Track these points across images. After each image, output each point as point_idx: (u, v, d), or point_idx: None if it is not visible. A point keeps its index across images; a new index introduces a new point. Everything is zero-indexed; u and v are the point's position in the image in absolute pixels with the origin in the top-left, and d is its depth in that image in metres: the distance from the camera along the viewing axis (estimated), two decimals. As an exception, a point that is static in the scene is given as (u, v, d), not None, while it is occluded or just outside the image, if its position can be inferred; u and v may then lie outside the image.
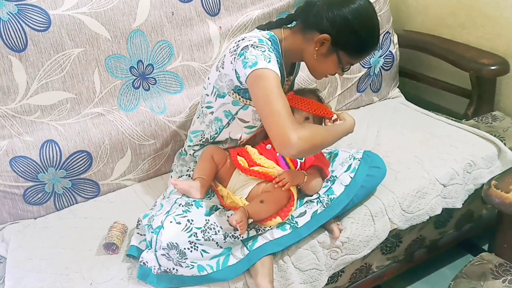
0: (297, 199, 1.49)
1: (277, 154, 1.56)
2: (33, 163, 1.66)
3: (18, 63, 1.62)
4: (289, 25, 1.54)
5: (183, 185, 1.49)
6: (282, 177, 1.45)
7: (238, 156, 1.55)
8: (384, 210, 1.61)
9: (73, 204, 1.77)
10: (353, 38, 1.39)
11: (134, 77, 1.79)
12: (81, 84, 1.72)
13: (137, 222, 1.50)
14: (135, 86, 1.80)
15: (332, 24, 1.38)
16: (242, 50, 1.36)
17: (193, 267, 1.34)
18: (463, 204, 1.76)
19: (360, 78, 2.21)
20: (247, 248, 1.41)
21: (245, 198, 1.50)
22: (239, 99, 1.48)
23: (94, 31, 1.70)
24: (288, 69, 1.57)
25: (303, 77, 2.04)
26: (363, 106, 2.28)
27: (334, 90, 2.16)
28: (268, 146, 1.58)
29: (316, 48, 1.42)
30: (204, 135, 1.63)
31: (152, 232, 1.37)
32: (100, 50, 1.72)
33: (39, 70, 1.65)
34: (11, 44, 1.60)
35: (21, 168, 1.65)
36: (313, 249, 1.50)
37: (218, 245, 1.39)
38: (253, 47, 1.35)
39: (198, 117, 1.65)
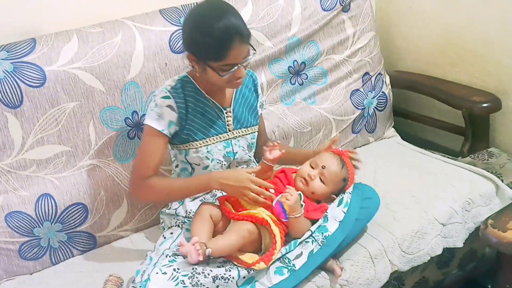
0: (280, 242, 1.45)
1: (275, 200, 1.54)
2: (28, 217, 1.66)
3: (14, 119, 1.64)
4: None
5: (188, 247, 1.40)
6: (290, 193, 1.47)
7: (225, 202, 1.55)
8: (384, 251, 1.58)
9: (69, 258, 1.75)
10: (201, 45, 1.44)
11: (129, 128, 1.81)
12: (77, 136, 1.74)
13: (133, 279, 1.48)
14: (130, 136, 1.81)
15: (185, 42, 1.51)
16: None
17: None
18: (464, 243, 1.73)
19: (354, 119, 2.22)
20: (243, 297, 1.39)
21: None
22: (179, 146, 1.62)
23: (88, 84, 1.73)
24: (224, 98, 1.67)
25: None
26: (359, 147, 2.28)
27: (329, 132, 2.17)
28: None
29: (195, 70, 1.54)
30: None
31: (140, 286, 1.35)
32: (95, 102, 1.75)
33: (35, 125, 1.67)
34: (6, 101, 1.62)
35: (17, 223, 1.65)
36: (312, 295, 1.47)
37: None
38: (153, 101, 1.57)
39: (172, 173, 1.74)
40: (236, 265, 1.43)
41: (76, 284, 1.60)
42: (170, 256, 1.43)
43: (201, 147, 1.61)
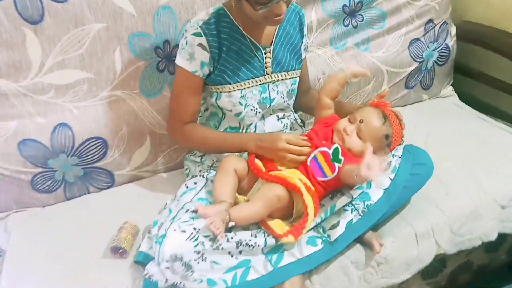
0: (314, 212, 1.28)
1: (310, 157, 1.35)
2: (43, 147, 1.52)
3: (33, 36, 1.46)
4: None
5: (211, 211, 1.22)
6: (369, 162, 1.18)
7: (255, 159, 1.37)
8: (431, 230, 1.40)
9: (85, 194, 1.62)
10: None
11: (159, 59, 1.61)
12: (101, 63, 1.55)
13: (149, 229, 1.34)
14: (160, 69, 1.62)
15: None
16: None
17: (201, 282, 1.17)
18: (521, 228, 1.53)
19: (410, 73, 1.97)
20: (270, 264, 1.23)
21: None
22: (210, 88, 1.44)
23: (118, 5, 1.52)
24: (263, 36, 1.45)
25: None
26: (411, 104, 2.05)
27: (380, 85, 1.94)
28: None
29: (233, 2, 1.35)
30: None
31: (156, 242, 1.21)
32: (123, 26, 1.54)
33: (55, 45, 1.49)
34: (26, 15, 1.43)
35: (30, 153, 1.51)
36: (345, 269, 1.32)
37: (231, 255, 1.22)
38: (184, 38, 1.40)
39: (200, 115, 1.56)
40: (263, 230, 1.28)
41: (89, 222, 1.47)
42: (191, 212, 1.28)
43: (234, 91, 1.42)
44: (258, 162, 1.37)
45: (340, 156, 1.33)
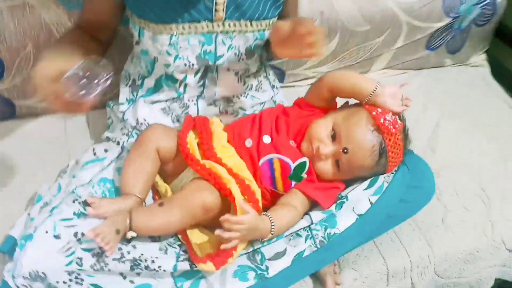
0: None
1: (264, 159, 0.96)
2: None
3: None
4: None
5: (106, 210, 0.88)
6: (236, 223, 0.83)
7: (189, 135, 0.97)
8: (409, 270, 1.05)
9: (-26, 123, 1.22)
10: None
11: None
12: None
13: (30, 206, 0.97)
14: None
15: None
16: None
17: None
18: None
19: (437, 30, 1.49)
20: (179, 292, 0.88)
21: None
22: (131, 15, 1.00)
23: None
24: None
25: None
26: (427, 69, 1.58)
27: (394, 39, 1.46)
28: (248, 142, 0.98)
29: None
30: (130, 77, 1.10)
31: (19, 242, 0.85)
32: None
33: None
34: None
35: None
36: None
37: (124, 277, 0.86)
38: None
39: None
40: (179, 243, 0.92)
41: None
42: (80, 202, 0.89)
43: (161, 34, 0.97)
44: (192, 142, 0.96)
45: (304, 174, 0.96)
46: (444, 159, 1.23)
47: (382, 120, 0.93)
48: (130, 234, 0.86)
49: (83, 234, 0.84)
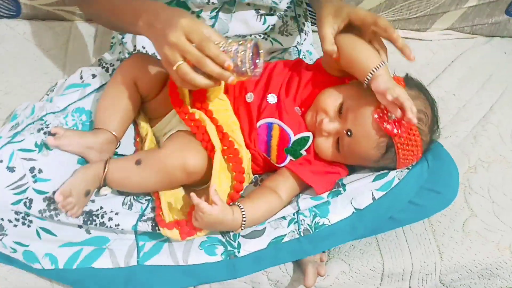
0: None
1: (264, 121, 0.82)
2: None
3: None
4: None
5: (71, 142, 0.79)
6: (201, 211, 0.72)
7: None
8: (409, 273, 0.91)
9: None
10: None
11: None
12: None
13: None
14: None
15: None
16: None
17: (15, 251, 0.77)
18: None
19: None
20: (137, 254, 0.79)
21: None
22: None
23: None
24: None
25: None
26: (501, 37, 1.33)
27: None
28: (249, 97, 0.83)
29: None
30: None
31: None
32: None
33: None
34: None
35: None
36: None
37: (79, 226, 0.79)
38: None
39: None
40: (147, 196, 0.83)
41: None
42: (46, 132, 0.80)
43: None
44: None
45: (303, 151, 0.81)
46: (486, 153, 1.04)
47: (385, 124, 0.75)
48: (104, 191, 0.79)
49: (40, 171, 0.76)
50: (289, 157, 0.82)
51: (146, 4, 0.75)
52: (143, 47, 0.93)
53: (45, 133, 0.79)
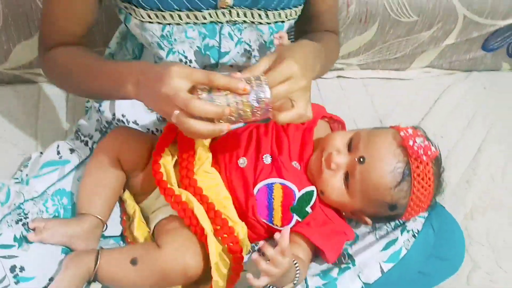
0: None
1: (263, 183, 0.77)
2: None
3: None
4: None
5: (54, 234, 0.73)
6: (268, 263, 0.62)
7: (165, 154, 0.77)
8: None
9: None
10: None
11: None
12: None
13: None
14: None
15: None
16: None
17: None
18: None
19: (499, 29, 1.23)
20: None
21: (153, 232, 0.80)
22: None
23: None
24: None
25: None
26: (478, 71, 1.33)
27: (444, 36, 1.21)
28: (242, 162, 0.79)
29: None
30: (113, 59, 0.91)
31: None
32: None
33: None
34: None
35: None
36: None
37: None
38: None
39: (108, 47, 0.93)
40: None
41: None
42: (25, 223, 0.73)
43: (151, 22, 0.75)
44: (168, 165, 0.77)
45: (308, 208, 0.76)
46: (481, 197, 1.02)
47: (411, 143, 0.74)
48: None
49: (22, 269, 0.69)
50: (295, 217, 0.77)
51: (130, 66, 0.70)
52: (123, 115, 0.87)
53: (24, 224, 0.73)
